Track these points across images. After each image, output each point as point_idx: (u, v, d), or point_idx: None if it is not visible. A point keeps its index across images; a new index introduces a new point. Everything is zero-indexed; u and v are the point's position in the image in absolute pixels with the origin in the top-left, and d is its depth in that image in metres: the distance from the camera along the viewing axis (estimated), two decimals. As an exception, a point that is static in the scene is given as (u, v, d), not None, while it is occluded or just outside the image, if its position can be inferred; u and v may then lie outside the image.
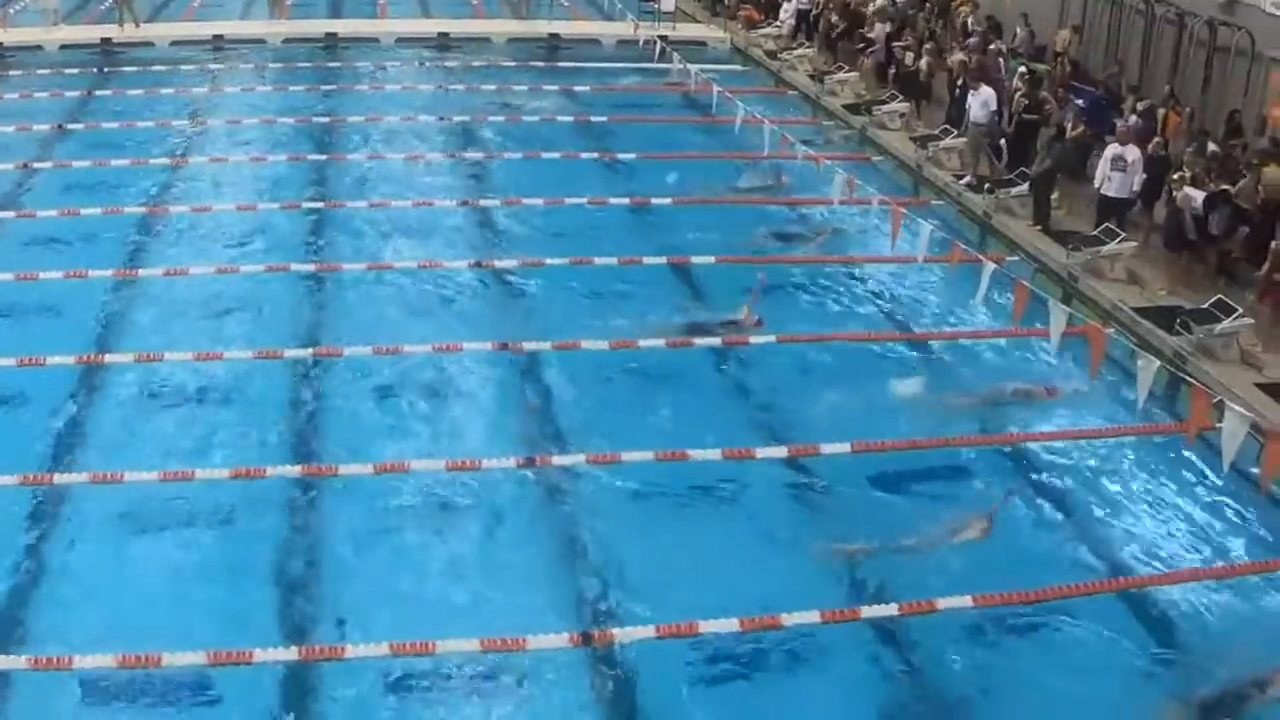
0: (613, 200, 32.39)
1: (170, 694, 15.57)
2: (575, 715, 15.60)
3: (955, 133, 34.69)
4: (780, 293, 27.28)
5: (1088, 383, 22.43)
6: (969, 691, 16.28)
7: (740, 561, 18.51)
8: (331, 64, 45.96)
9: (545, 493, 20.07)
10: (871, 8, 45.22)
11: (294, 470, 20.22)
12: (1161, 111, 31.34)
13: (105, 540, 18.55)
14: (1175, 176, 26.87)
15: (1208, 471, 20.60)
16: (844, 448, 21.11)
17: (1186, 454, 21.04)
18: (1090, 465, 21.46)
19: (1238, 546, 19.40)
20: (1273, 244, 24.25)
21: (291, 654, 16.10)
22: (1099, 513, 20.14)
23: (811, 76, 43.65)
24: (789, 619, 16.85)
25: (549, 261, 28.12)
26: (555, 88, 43.28)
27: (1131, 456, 21.73)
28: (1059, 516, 19.89)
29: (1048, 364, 23.52)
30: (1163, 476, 21.17)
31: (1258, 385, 22.71)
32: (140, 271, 27.22)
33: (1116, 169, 27.92)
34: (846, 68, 43.28)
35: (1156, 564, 18.84)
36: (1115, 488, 20.88)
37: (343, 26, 49.99)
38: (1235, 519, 20.01)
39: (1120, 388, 22.32)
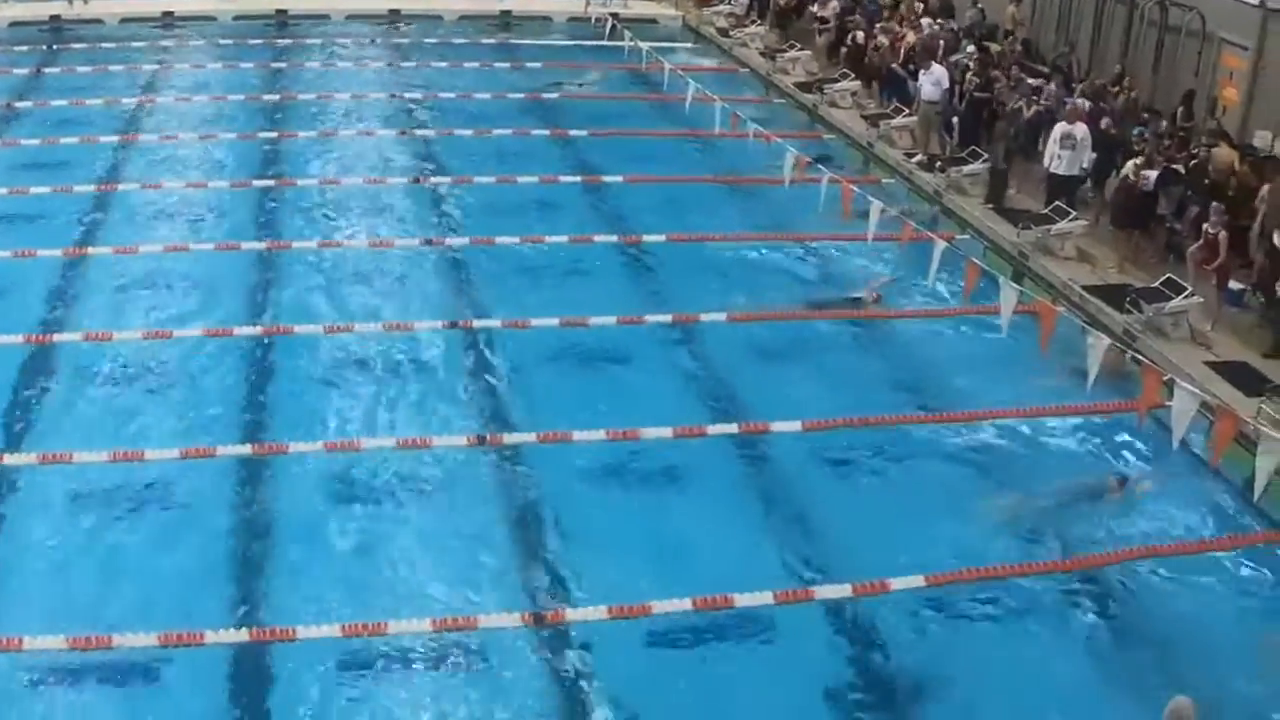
0: (564, 178, 32.36)
1: (121, 675, 15.54)
2: (527, 695, 15.58)
3: (906, 111, 34.75)
4: (731, 270, 27.35)
5: (1037, 360, 22.49)
6: (921, 669, 16.32)
7: (692, 539, 18.57)
8: (282, 41, 45.69)
9: (497, 471, 20.07)
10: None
11: (244, 449, 20.18)
12: (1115, 89, 31.43)
13: (55, 521, 18.44)
14: (1133, 162, 26.80)
15: (1158, 448, 20.70)
16: (795, 425, 21.19)
17: (1137, 431, 21.17)
18: (1040, 443, 21.55)
19: (1187, 523, 19.50)
20: (1204, 228, 24.37)
21: (242, 635, 16.07)
22: (1051, 490, 20.20)
23: (763, 54, 43.62)
24: (741, 599, 16.90)
25: (500, 240, 28.08)
26: (506, 65, 43.19)
27: (1081, 433, 21.83)
28: (1010, 495, 19.94)
29: (997, 341, 23.52)
30: (1113, 453, 21.30)
31: (1207, 364, 22.81)
32: (90, 250, 27.08)
33: (1065, 147, 27.98)
34: (798, 46, 43.24)
35: (1109, 542, 18.91)
36: (1065, 466, 20.97)
37: (293, 3, 49.48)
38: (1185, 496, 20.13)
39: (1070, 365, 22.34)
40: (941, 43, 36.18)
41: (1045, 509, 19.66)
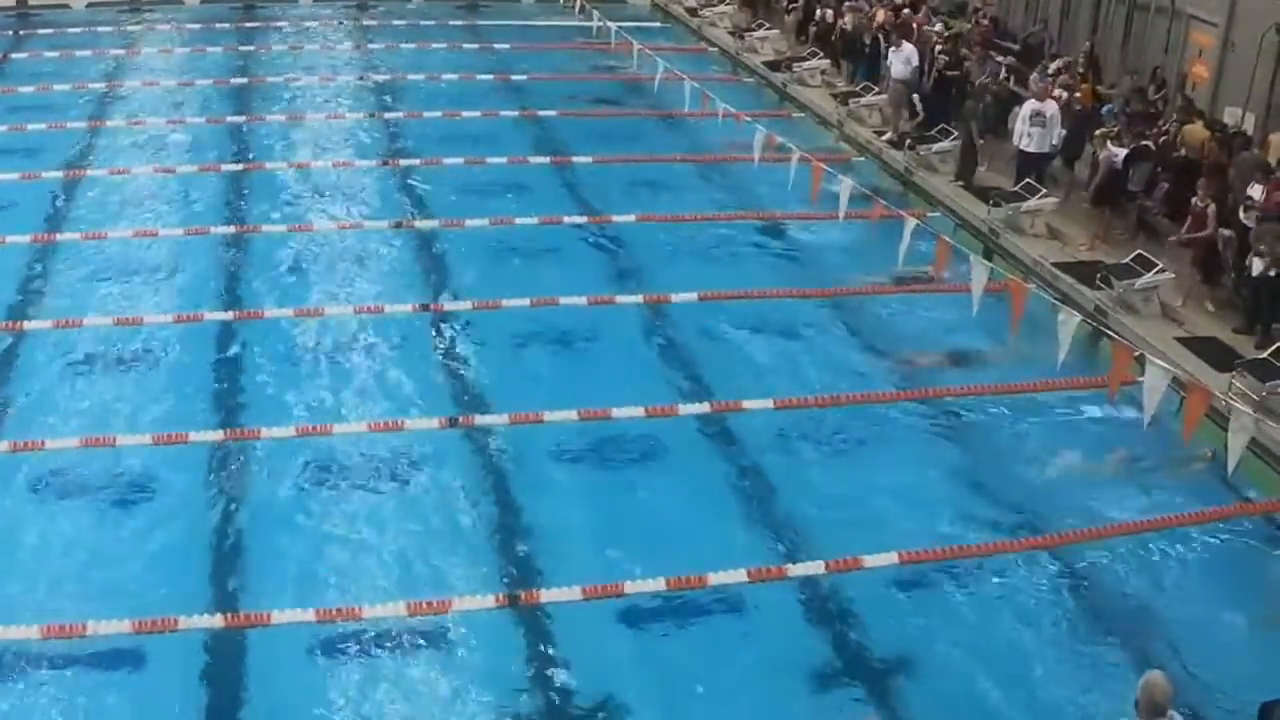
0: (533, 159, 32.32)
1: (96, 663, 15.49)
2: (501, 677, 15.57)
3: (876, 89, 34.74)
4: (702, 249, 27.37)
5: (1008, 337, 22.50)
6: (895, 647, 16.34)
7: (665, 518, 18.61)
8: (249, 24, 45.65)
9: (469, 453, 20.05)
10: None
11: (216, 435, 20.11)
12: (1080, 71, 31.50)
13: (27, 509, 18.38)
14: (1099, 132, 26.97)
15: (1129, 425, 20.72)
16: (767, 404, 21.22)
17: (1108, 407, 21.21)
18: (1012, 420, 21.59)
19: (1159, 499, 19.55)
20: (1193, 201, 24.37)
21: (217, 621, 16.03)
22: (1022, 468, 20.26)
23: (732, 33, 43.59)
24: (715, 578, 16.92)
25: (469, 221, 28.06)
26: (475, 46, 43.13)
27: (1053, 411, 21.87)
28: (982, 472, 20.01)
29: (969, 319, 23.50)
30: (1084, 430, 21.34)
31: (1178, 339, 22.86)
32: (58, 236, 26.98)
33: (1035, 124, 28.00)
34: (767, 25, 43.24)
35: (1080, 519, 18.91)
36: (1038, 443, 21.02)
37: (260, -14, 49.54)
38: (1157, 472, 20.18)
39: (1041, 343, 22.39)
40: (915, 25, 36.09)
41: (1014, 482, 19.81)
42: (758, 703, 15.40)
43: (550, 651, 16.01)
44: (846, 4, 39.49)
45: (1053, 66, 31.29)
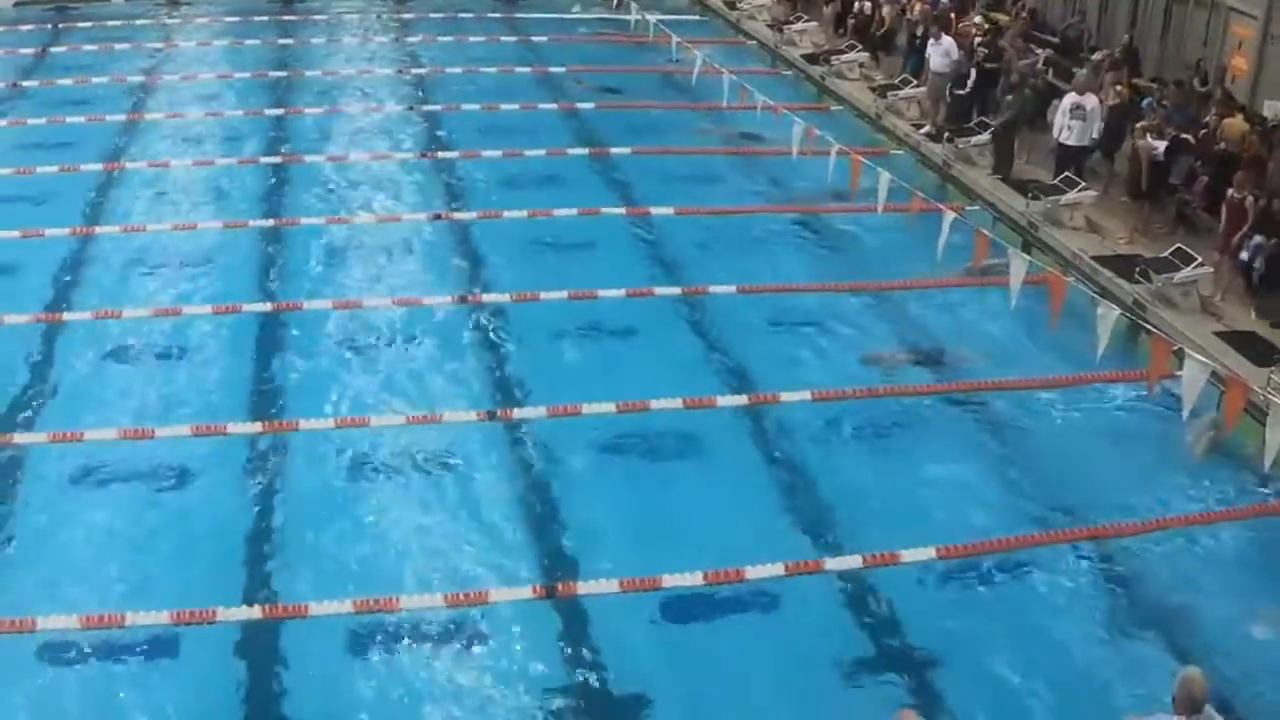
0: (572, 151, 32.33)
1: (134, 654, 15.55)
2: (539, 669, 15.57)
3: (915, 82, 34.64)
4: (741, 242, 27.33)
5: (1047, 330, 22.42)
6: (932, 642, 16.30)
7: (702, 512, 18.59)
8: (288, 17, 45.72)
9: (507, 445, 20.07)
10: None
11: (255, 426, 20.17)
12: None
13: (66, 500, 18.46)
14: (1139, 125, 26.91)
15: (1168, 419, 20.63)
16: (805, 396, 21.19)
17: (1147, 401, 21.13)
18: (1051, 413, 21.52)
19: (1197, 493, 19.47)
20: (1229, 193, 24.25)
21: (255, 613, 16.08)
22: (1060, 461, 20.20)
23: (770, 26, 43.49)
24: (752, 572, 16.91)
25: (508, 213, 28.08)
26: (513, 39, 43.14)
27: (1091, 404, 21.79)
28: (1020, 466, 19.96)
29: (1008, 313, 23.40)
30: (1122, 424, 21.26)
31: (1217, 334, 22.77)
32: (97, 229, 27.08)
33: (1075, 117, 27.87)
34: (805, 17, 43.13)
35: (1117, 513, 18.83)
36: (1076, 437, 20.96)
37: (298, -21, 49.57)
38: (1197, 466, 20.08)
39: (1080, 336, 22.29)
40: (953, 18, 35.94)
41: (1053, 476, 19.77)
42: (794, 697, 15.37)
43: (586, 643, 16.02)
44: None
45: (1094, 59, 31.12)
